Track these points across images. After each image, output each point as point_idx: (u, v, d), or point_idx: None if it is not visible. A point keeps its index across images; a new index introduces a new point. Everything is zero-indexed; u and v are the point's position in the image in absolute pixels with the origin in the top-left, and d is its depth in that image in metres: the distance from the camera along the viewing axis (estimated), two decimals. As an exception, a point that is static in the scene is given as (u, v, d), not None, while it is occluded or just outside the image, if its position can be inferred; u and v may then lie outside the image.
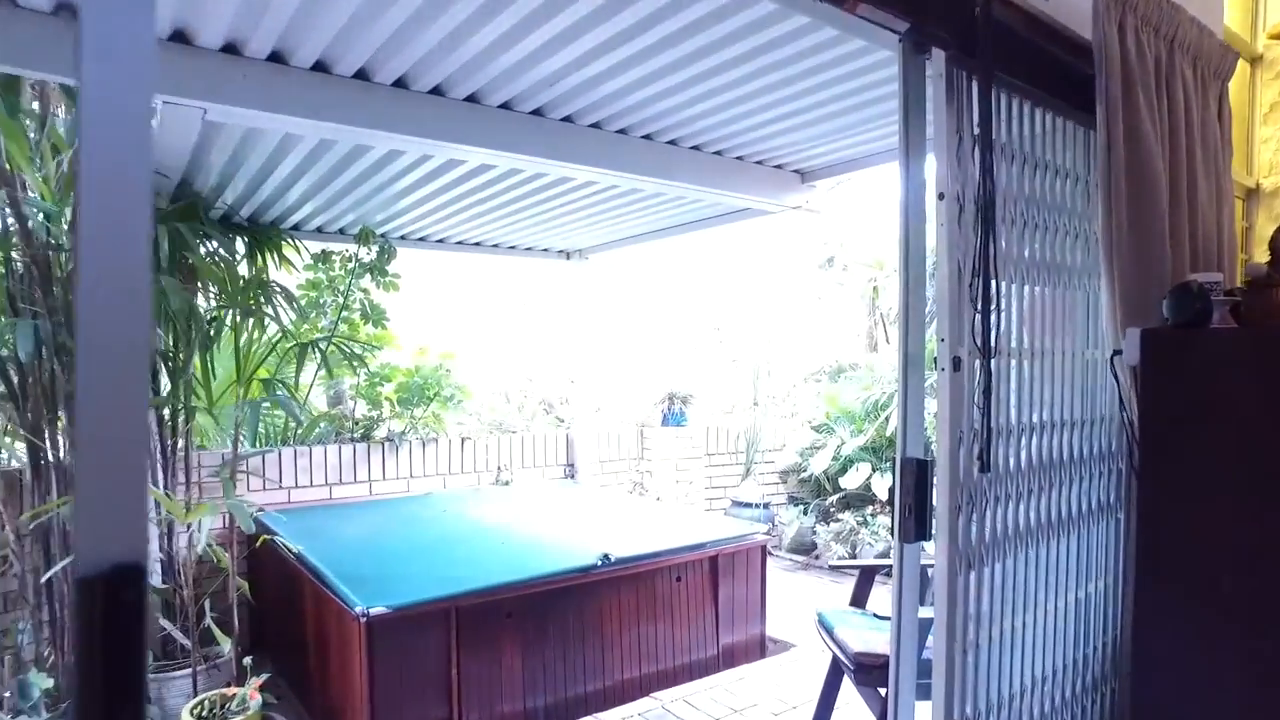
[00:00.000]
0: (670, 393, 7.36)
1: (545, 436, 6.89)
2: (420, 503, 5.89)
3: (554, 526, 5.11)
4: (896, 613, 2.25)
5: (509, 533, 4.91)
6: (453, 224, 5.72)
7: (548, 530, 4.97)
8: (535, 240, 6.47)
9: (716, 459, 7.78)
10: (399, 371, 6.42)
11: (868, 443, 6.89)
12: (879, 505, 6.69)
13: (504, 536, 4.81)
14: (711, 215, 5.43)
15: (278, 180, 4.41)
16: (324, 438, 6.24)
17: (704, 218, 5.52)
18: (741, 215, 5.27)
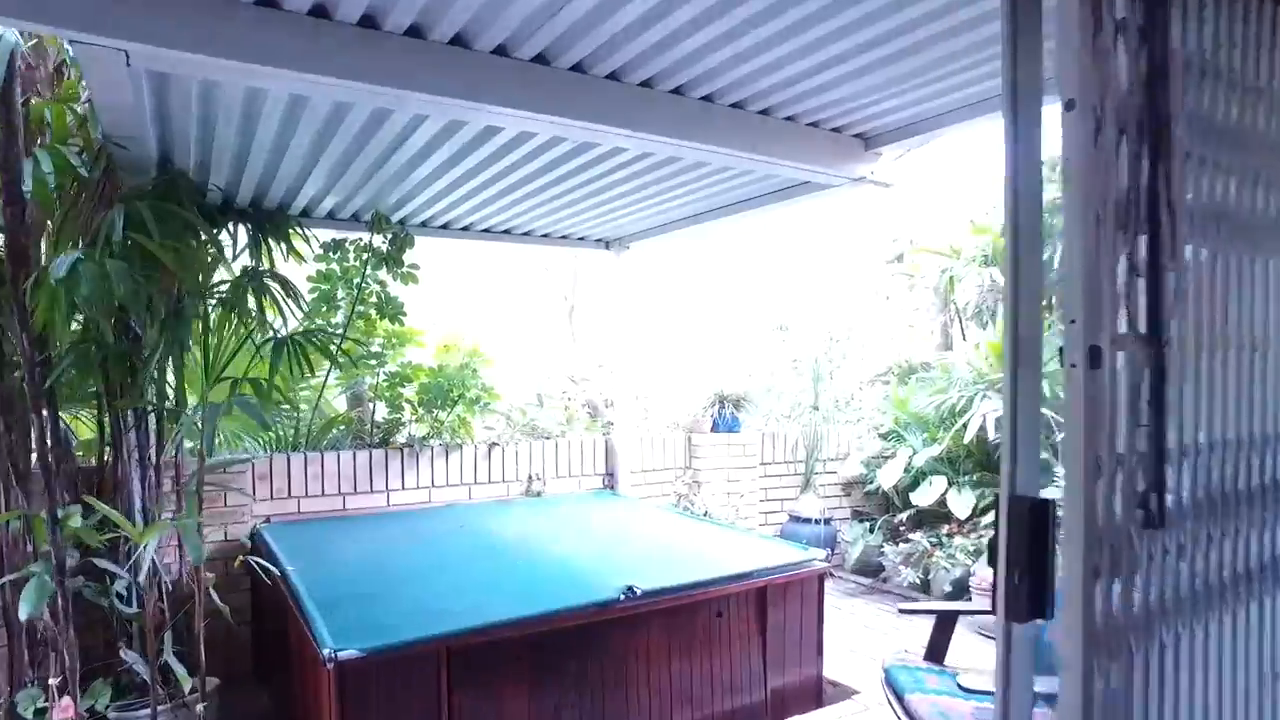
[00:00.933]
0: (721, 395, 6.70)
1: (582, 443, 6.29)
2: (439, 516, 5.34)
3: (581, 546, 4.49)
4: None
5: (528, 554, 4.31)
6: (479, 207, 5.16)
7: (573, 551, 4.36)
8: (571, 227, 5.88)
9: (772, 469, 7.08)
10: (421, 371, 5.89)
11: (943, 453, 6.11)
12: (955, 525, 5.91)
13: (522, 559, 4.22)
14: (762, 192, 4.75)
15: (268, 155, 3.91)
16: (339, 443, 5.76)
17: (753, 196, 4.84)
18: (796, 192, 4.58)
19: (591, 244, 6.45)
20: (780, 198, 4.71)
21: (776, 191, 4.69)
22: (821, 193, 4.43)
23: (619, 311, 6.41)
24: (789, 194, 4.64)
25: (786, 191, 4.63)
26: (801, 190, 4.52)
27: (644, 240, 6.16)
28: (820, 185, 4.31)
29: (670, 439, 6.65)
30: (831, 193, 4.40)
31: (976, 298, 7.12)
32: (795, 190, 4.56)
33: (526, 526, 5.05)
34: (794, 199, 4.65)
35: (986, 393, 5.84)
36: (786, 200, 4.70)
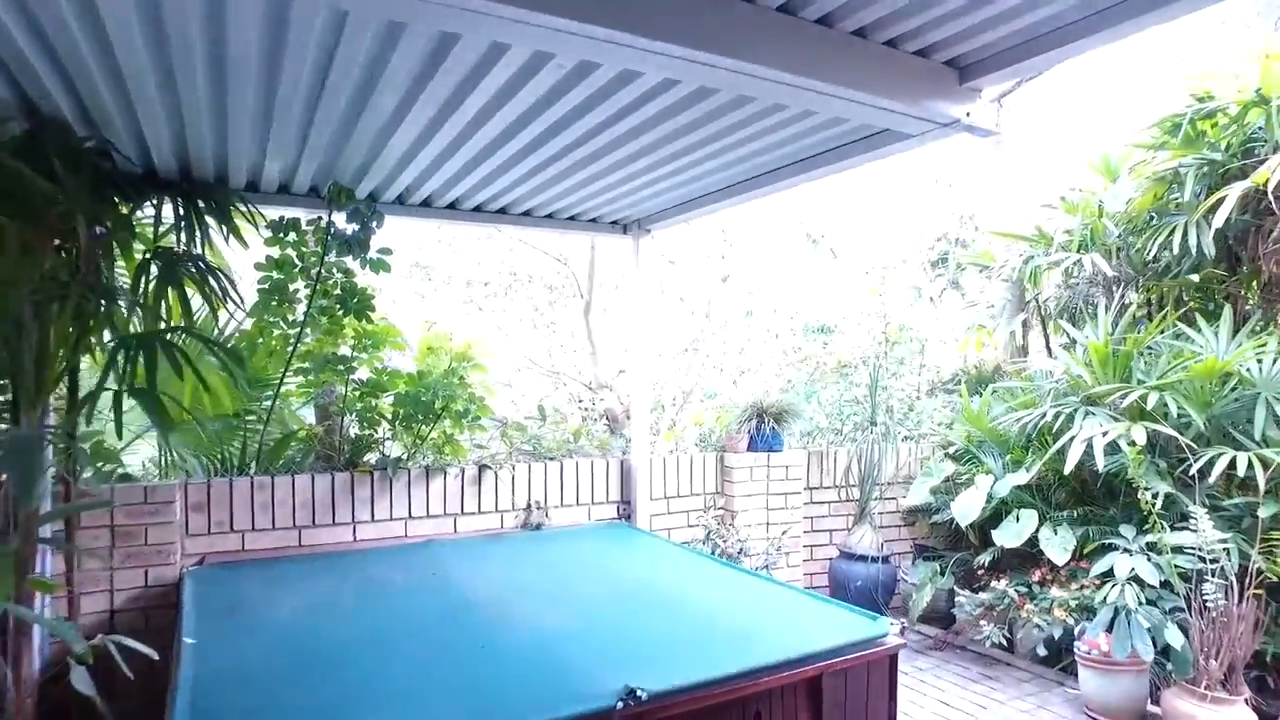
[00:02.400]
0: (759, 407, 5.64)
1: (593, 465, 5.27)
2: (410, 558, 4.35)
3: (575, 610, 3.47)
4: None
5: (505, 622, 3.29)
6: (464, 174, 4.18)
7: (564, 619, 3.33)
8: (581, 203, 4.88)
9: (820, 495, 6.00)
10: (399, 379, 4.92)
11: (1031, 481, 4.99)
12: (1046, 570, 4.79)
13: (496, 628, 3.20)
14: (820, 149, 3.69)
15: (199, 104, 2.97)
16: (297, 464, 4.80)
17: (807, 155, 3.78)
18: (860, 150, 3.53)
19: (606, 228, 5.44)
20: (843, 159, 3.64)
21: (837, 147, 3.63)
22: (896, 148, 3.37)
23: (637, 308, 5.38)
24: (851, 154, 3.57)
25: (850, 149, 3.57)
26: (869, 147, 3.47)
27: (667, 223, 5.12)
28: (898, 136, 3.25)
29: (698, 459, 5.60)
30: (910, 148, 3.33)
31: (1067, 292, 5.98)
32: (863, 146, 3.50)
33: (514, 575, 4.03)
34: (859, 161, 3.59)
35: (1090, 409, 4.71)
36: (849, 162, 3.63)
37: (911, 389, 7.62)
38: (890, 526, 6.16)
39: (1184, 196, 4.71)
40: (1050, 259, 5.39)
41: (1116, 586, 4.08)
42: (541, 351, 7.82)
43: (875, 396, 5.74)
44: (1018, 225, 6.57)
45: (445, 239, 8.83)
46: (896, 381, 7.73)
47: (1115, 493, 4.92)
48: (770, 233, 14.23)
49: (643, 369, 5.36)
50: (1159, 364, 4.68)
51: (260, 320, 4.50)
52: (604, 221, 5.34)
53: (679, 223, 5.10)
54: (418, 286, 9.76)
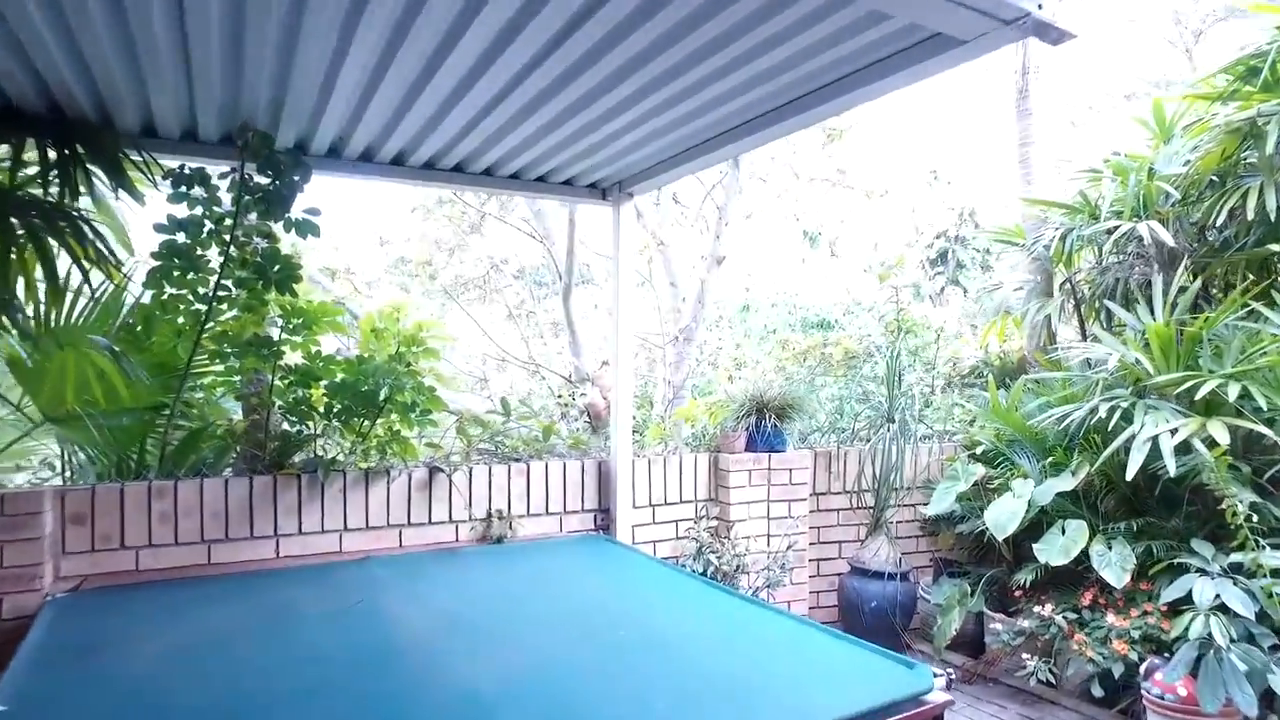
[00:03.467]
0: (759, 400, 4.90)
1: (565, 468, 4.53)
2: (341, 578, 3.61)
3: (527, 654, 2.72)
4: None
5: (433, 671, 2.54)
6: (407, 117, 3.44)
7: (510, 665, 2.59)
8: (553, 160, 4.15)
9: (829, 502, 5.27)
10: (336, 365, 4.17)
11: (1078, 488, 4.25)
12: (1094, 591, 4.07)
13: (417, 683, 2.45)
14: (844, 68, 2.93)
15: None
16: (210, 466, 4.04)
17: (829, 79, 3.03)
18: (898, 66, 2.78)
19: (582, 192, 4.69)
20: (864, 81, 2.89)
21: (864, 68, 2.88)
22: (938, 62, 2.63)
23: (618, 286, 4.64)
24: (882, 72, 2.82)
25: (878, 68, 2.83)
26: (906, 62, 2.72)
27: (652, 182, 4.38)
28: (946, 43, 2.51)
29: (689, 461, 4.86)
30: (957, 61, 2.59)
31: (1102, 276, 5.25)
32: (894, 64, 2.76)
33: (460, 603, 3.28)
34: (889, 79, 2.83)
35: (1151, 403, 3.98)
36: (876, 84, 2.88)
37: (927, 383, 6.90)
38: (908, 537, 5.43)
39: (1266, 149, 3.98)
40: (1098, 228, 4.66)
41: (1198, 617, 3.35)
42: (520, 341, 7.08)
43: (893, 389, 4.99)
44: (1050, 195, 5.86)
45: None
46: (910, 375, 7.02)
47: (1174, 500, 4.20)
48: (766, 227, 13.53)
49: (625, 357, 4.62)
50: (1230, 350, 3.96)
51: (160, 292, 3.74)
52: (579, 184, 4.61)
53: (666, 181, 4.37)
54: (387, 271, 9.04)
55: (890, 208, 12.87)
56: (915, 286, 12.14)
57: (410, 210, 9.56)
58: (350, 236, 10.29)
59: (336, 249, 9.85)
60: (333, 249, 10.01)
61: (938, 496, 4.74)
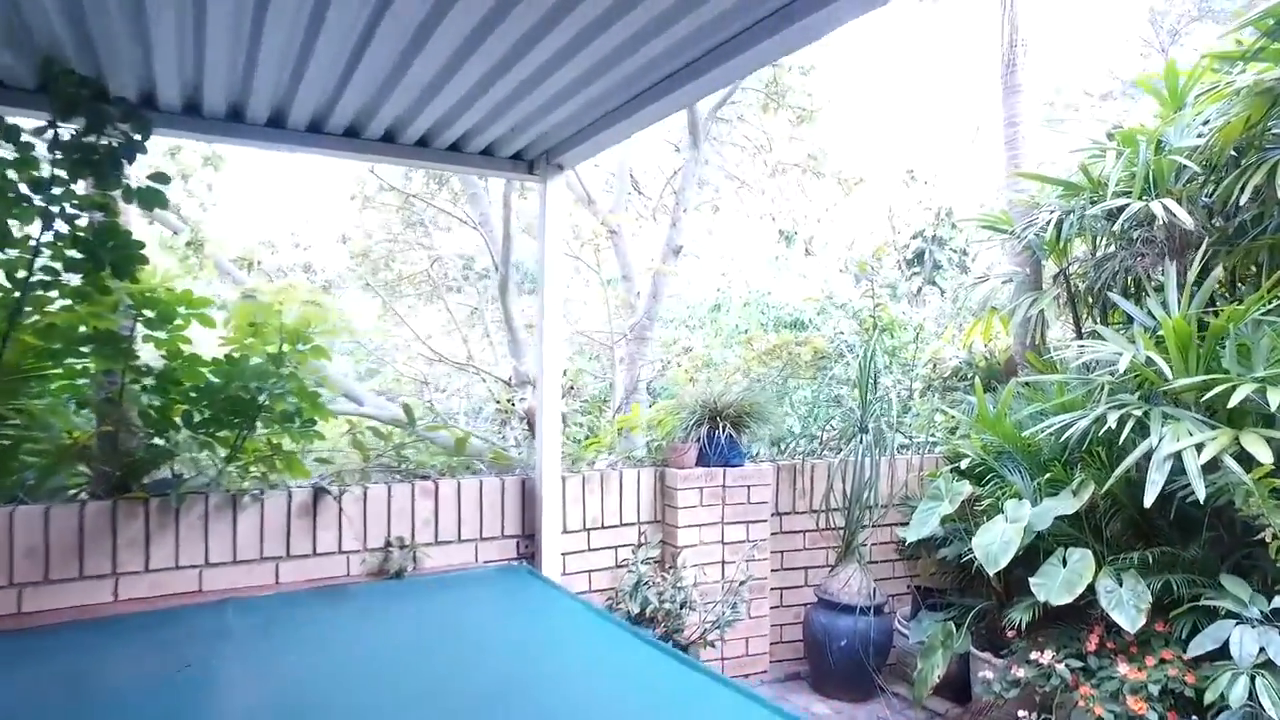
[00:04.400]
0: (712, 407, 4.25)
1: (482, 488, 3.85)
2: (190, 628, 2.93)
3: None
4: None
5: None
6: (271, 61, 2.76)
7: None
8: (467, 122, 3.49)
9: (794, 523, 4.62)
10: (202, 366, 3.47)
11: (1082, 510, 3.62)
12: (1105, 632, 3.45)
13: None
14: (760, 15, 2.29)
15: None
16: (31, 487, 3.32)
17: (748, 25, 2.39)
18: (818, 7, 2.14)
19: (505, 165, 4.02)
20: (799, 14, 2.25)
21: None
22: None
23: (547, 272, 3.97)
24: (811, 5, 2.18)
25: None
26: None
27: (580, 150, 3.71)
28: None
29: (630, 478, 4.20)
30: None
31: (1092, 270, 4.65)
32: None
33: (317, 671, 2.59)
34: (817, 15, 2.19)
35: (1168, 411, 3.36)
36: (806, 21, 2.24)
37: (905, 386, 6.28)
38: (884, 561, 4.79)
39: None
40: (1104, 207, 4.03)
41: (1240, 677, 2.72)
42: (464, 342, 6.38)
43: (866, 393, 4.34)
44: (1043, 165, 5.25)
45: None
46: (887, 378, 6.39)
47: (1191, 525, 3.58)
48: (738, 223, 12.91)
49: (552, 357, 3.95)
50: (1257, 349, 3.35)
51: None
52: (500, 154, 3.93)
53: (596, 149, 3.71)
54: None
55: (867, 207, 12.33)
56: (892, 287, 11.56)
57: (349, 198, 8.85)
58: (316, 233, 9.54)
59: (283, 243, 9.15)
60: (263, 238, 9.31)
61: (918, 520, 4.10)
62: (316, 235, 8.17)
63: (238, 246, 6.31)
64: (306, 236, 8.18)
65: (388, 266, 8.74)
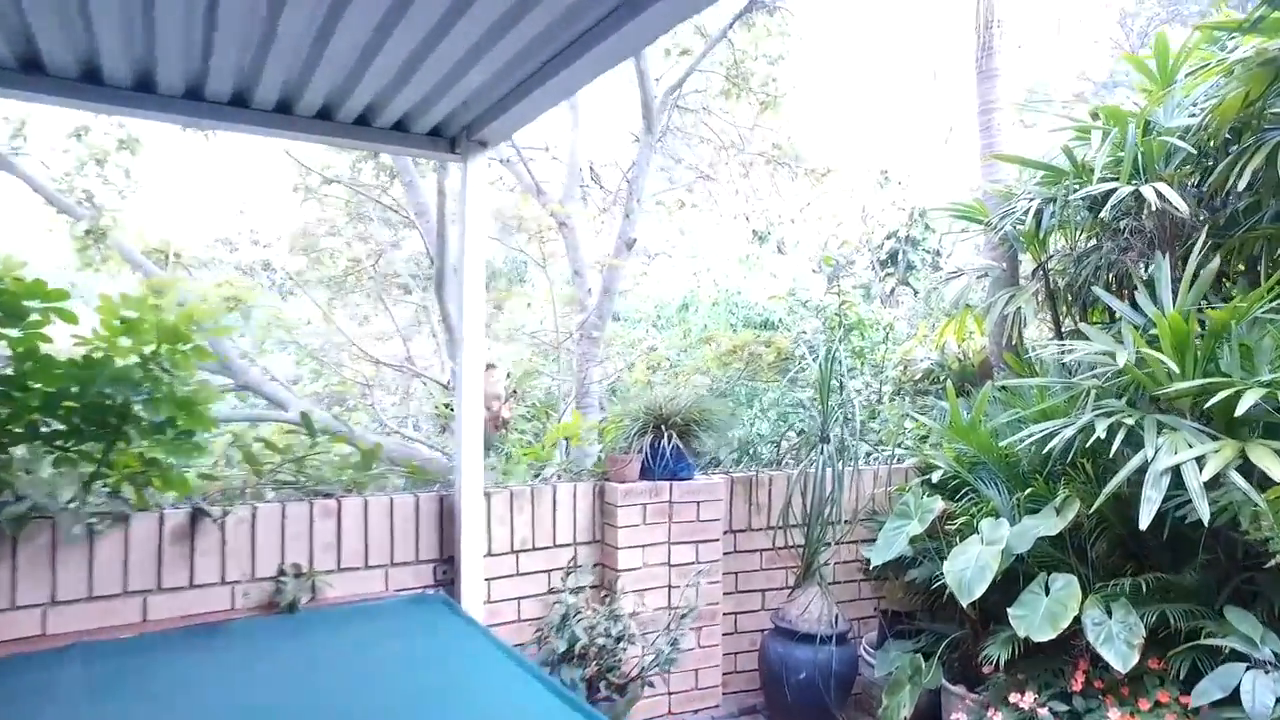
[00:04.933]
0: (657, 414, 3.82)
1: (392, 506, 3.39)
2: (22, 682, 2.44)
3: None
4: None
5: None
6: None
7: None
8: (372, 89, 3.03)
9: (750, 541, 4.20)
10: (57, 367, 2.98)
11: (1066, 530, 3.23)
12: (1091, 667, 3.06)
13: None
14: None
15: None
16: None
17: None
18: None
19: (422, 141, 3.58)
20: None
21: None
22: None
23: (468, 262, 3.52)
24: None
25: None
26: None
27: (504, 122, 3.26)
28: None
29: (567, 493, 3.76)
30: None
31: (1072, 267, 4.29)
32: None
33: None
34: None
35: (1169, 419, 2.98)
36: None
37: (874, 389, 5.89)
38: (848, 582, 4.39)
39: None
40: (1089, 191, 3.64)
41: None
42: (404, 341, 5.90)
43: (827, 398, 3.92)
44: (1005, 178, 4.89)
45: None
46: (856, 381, 6.01)
47: (1186, 546, 3.20)
48: (708, 221, 12.52)
49: (472, 354, 3.50)
50: (1260, 350, 2.98)
51: None
52: (416, 129, 3.48)
53: (521, 121, 3.26)
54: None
55: (840, 206, 12.02)
56: (865, 287, 11.24)
57: (292, 189, 8.33)
58: (251, 226, 9.02)
59: (224, 239, 8.62)
60: (221, 235, 8.77)
61: (884, 540, 3.69)
62: (252, 228, 7.66)
63: (157, 237, 5.80)
64: (242, 231, 7.66)
65: (331, 261, 8.25)
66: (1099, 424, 3.00)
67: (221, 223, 7.61)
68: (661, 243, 13.72)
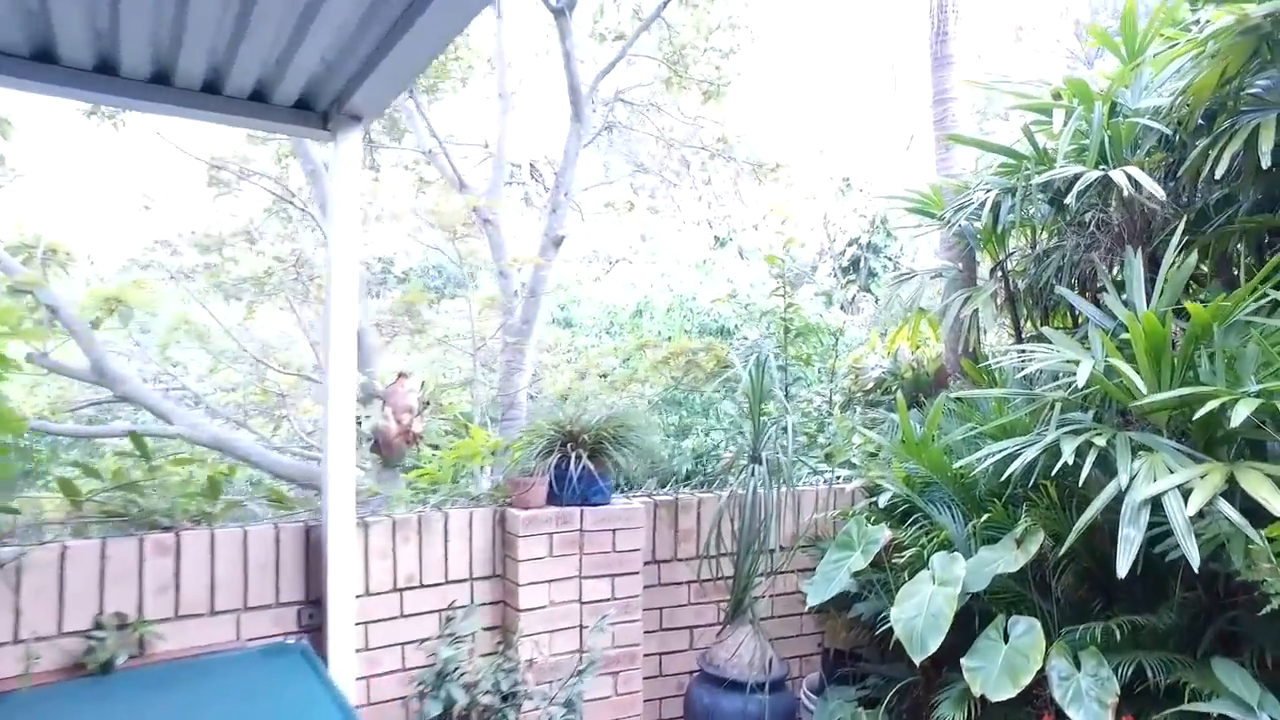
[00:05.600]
0: (566, 430, 3.34)
1: (246, 540, 2.87)
2: None
3: None
4: None
5: None
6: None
7: None
8: (215, 48, 2.53)
9: (675, 572, 3.73)
10: None
11: (1030, 564, 2.80)
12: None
13: None
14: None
15: None
16: None
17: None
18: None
19: (287, 117, 3.06)
20: None
21: None
22: None
23: (337, 250, 3.02)
24: None
25: None
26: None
27: (376, 87, 2.77)
28: None
29: (461, 521, 3.26)
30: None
31: (1032, 267, 3.90)
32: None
33: None
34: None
35: (1143, 437, 2.56)
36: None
37: (824, 400, 5.48)
38: (787, 617, 3.93)
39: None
40: (1054, 175, 3.23)
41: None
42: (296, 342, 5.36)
43: (759, 412, 3.46)
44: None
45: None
46: (805, 389, 5.58)
47: (1158, 579, 2.79)
48: (664, 223, 12.12)
49: (341, 359, 2.99)
50: (1244, 358, 2.58)
51: None
52: (279, 103, 2.97)
53: (395, 87, 2.78)
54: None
55: (802, 213, 11.72)
56: (828, 294, 10.88)
57: (207, 184, 7.75)
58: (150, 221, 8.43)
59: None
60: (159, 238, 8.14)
61: (823, 575, 3.24)
62: (160, 226, 7.06)
63: (30, 230, 5.20)
64: (147, 228, 7.06)
65: (253, 260, 7.67)
66: (1065, 444, 2.57)
67: (123, 219, 6.99)
68: (624, 248, 13.31)
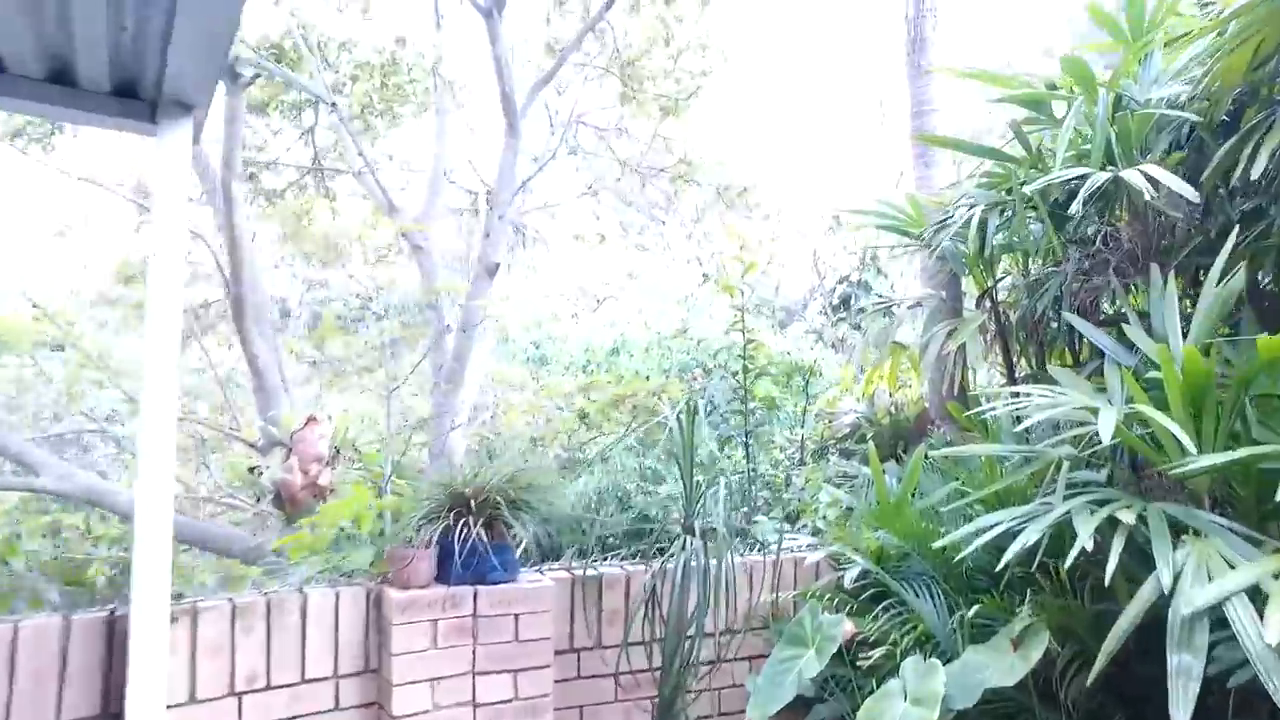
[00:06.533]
0: (454, 491, 2.69)
1: (18, 639, 2.21)
2: None
3: None
4: None
5: None
6: None
7: None
8: None
9: (595, 663, 3.06)
10: None
11: (1028, 678, 2.16)
12: None
13: None
14: None
15: None
16: None
17: None
18: None
19: (108, 107, 2.48)
20: None
21: None
22: None
23: (159, 275, 2.40)
24: None
25: None
26: None
27: (204, 60, 2.18)
28: None
29: (326, 604, 2.60)
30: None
31: (1064, 279, 3.30)
32: None
33: None
34: None
35: (1182, 511, 1.95)
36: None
37: (794, 447, 4.85)
38: (732, 715, 3.25)
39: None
40: (1050, 180, 2.64)
41: None
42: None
43: (690, 474, 2.78)
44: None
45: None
46: (782, 430, 4.95)
47: (1203, 691, 2.15)
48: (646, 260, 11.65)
49: (158, 399, 2.35)
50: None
51: None
52: (94, 89, 2.38)
53: (219, 50, 2.18)
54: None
55: (791, 250, 11.32)
56: (817, 333, 10.33)
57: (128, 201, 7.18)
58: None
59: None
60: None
61: (769, 678, 2.57)
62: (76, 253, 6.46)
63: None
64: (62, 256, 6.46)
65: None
66: (1080, 522, 1.94)
67: (38, 246, 6.40)
68: (609, 285, 12.83)
